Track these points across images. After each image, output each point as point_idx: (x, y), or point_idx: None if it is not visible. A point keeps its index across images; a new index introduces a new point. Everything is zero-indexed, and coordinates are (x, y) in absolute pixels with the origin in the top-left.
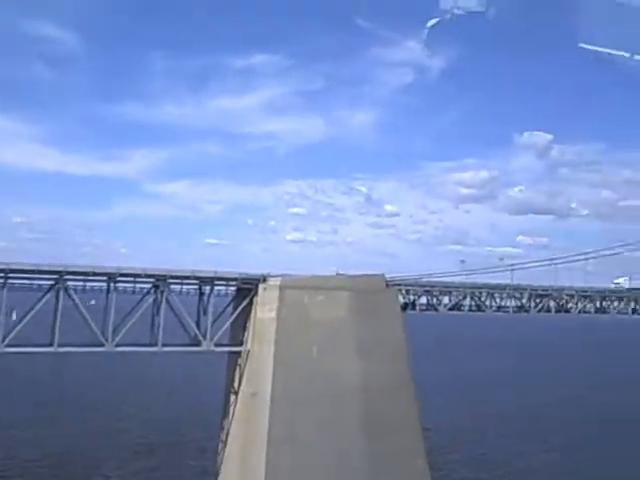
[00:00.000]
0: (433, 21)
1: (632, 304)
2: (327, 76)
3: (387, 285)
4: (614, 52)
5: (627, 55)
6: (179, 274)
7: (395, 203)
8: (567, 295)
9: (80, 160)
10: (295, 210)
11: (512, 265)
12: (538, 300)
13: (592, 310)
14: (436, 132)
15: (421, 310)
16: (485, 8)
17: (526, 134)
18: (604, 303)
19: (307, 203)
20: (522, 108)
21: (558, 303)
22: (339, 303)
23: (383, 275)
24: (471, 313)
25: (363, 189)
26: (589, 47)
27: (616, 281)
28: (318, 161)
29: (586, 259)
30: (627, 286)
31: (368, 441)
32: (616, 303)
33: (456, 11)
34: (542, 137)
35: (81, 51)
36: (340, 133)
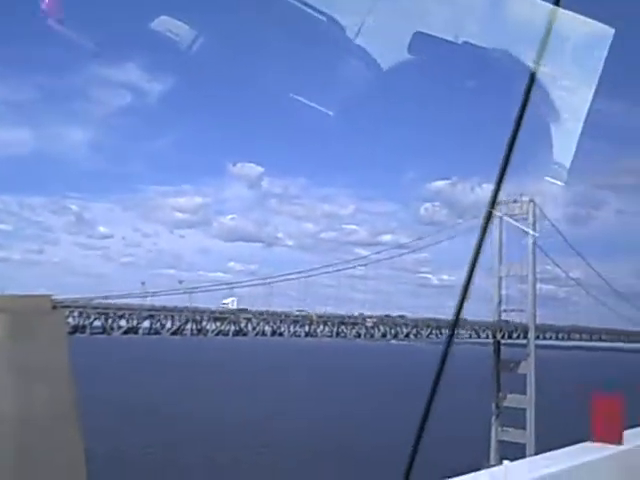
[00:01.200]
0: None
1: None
2: (41, 88)
3: (55, 307)
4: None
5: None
6: None
7: (108, 224)
8: (245, 319)
9: None
10: None
11: (192, 288)
12: (219, 323)
13: (269, 333)
14: (153, 156)
15: (92, 333)
16: (190, 43)
17: (239, 165)
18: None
19: (12, 220)
20: (236, 139)
21: (238, 326)
22: None
23: (49, 296)
24: (147, 337)
25: (75, 208)
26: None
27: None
28: (26, 176)
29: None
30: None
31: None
32: (292, 327)
33: (172, 39)
34: (254, 169)
35: None
36: (53, 149)
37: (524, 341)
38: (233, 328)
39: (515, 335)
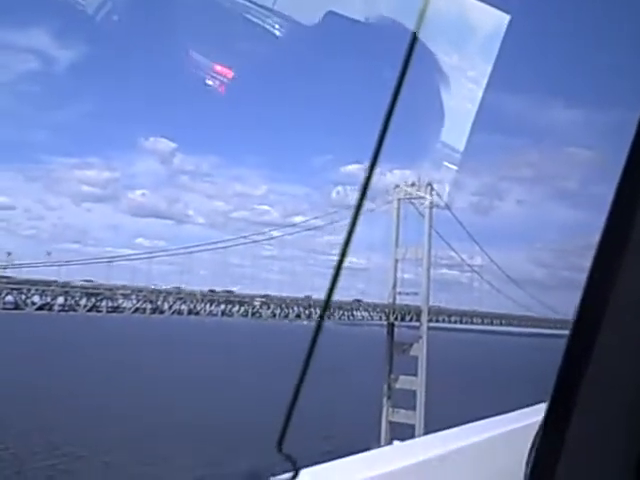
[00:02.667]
0: None
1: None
2: None
3: None
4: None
5: None
6: None
7: (9, 195)
8: (122, 295)
9: None
10: None
11: (68, 261)
12: (94, 299)
13: (148, 311)
14: (60, 126)
15: None
16: (100, 9)
17: (152, 139)
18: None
19: None
20: (149, 113)
21: (114, 302)
22: None
23: None
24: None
25: None
26: None
27: None
28: None
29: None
30: None
31: None
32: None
33: (85, 9)
34: (166, 144)
35: None
36: None
37: (417, 323)
38: (109, 304)
39: (408, 318)
